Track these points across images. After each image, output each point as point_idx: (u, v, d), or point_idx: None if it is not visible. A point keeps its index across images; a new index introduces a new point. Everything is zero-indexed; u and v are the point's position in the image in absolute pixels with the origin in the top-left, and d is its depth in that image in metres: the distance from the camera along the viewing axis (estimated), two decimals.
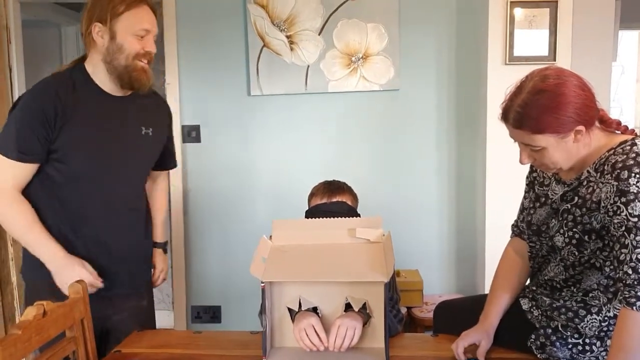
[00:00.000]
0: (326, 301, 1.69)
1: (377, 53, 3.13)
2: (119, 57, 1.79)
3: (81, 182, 1.83)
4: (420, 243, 3.27)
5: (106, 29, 1.77)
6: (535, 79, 1.46)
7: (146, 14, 1.81)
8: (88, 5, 1.81)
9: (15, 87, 3.28)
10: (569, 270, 1.58)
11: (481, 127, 3.01)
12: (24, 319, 1.43)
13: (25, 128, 1.74)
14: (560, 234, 1.55)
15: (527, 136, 1.48)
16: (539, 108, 1.43)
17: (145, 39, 1.81)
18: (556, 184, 1.63)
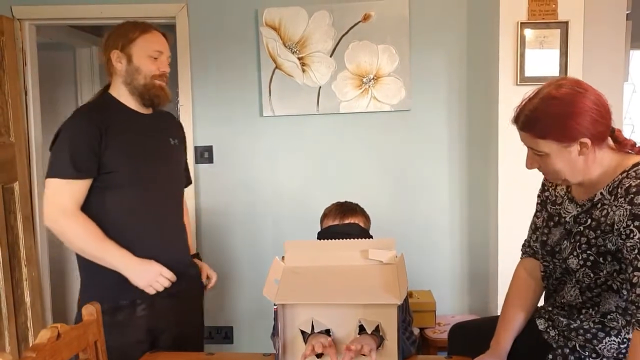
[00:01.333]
0: (339, 323, 1.68)
1: (388, 74, 3.15)
2: (137, 78, 1.96)
3: (129, 198, 1.95)
4: (433, 264, 3.26)
5: (123, 54, 1.96)
6: (551, 86, 1.49)
7: (157, 37, 2.01)
8: (105, 38, 2.02)
9: (30, 109, 3.33)
10: (586, 293, 1.57)
11: (493, 148, 3.00)
12: (39, 342, 1.44)
13: (77, 146, 1.87)
14: (574, 256, 1.54)
15: (531, 139, 1.50)
16: (546, 114, 1.45)
17: (159, 60, 1.99)
18: (569, 202, 1.62)
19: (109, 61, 1.99)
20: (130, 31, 1.97)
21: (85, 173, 1.88)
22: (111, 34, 2.00)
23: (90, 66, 4.35)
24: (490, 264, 3.10)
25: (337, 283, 1.67)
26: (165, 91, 2.02)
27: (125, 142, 1.94)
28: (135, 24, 2.01)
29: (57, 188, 1.87)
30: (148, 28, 2.00)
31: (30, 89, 3.33)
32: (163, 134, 2.10)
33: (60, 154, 1.89)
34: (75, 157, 1.86)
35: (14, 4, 3.25)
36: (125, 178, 1.93)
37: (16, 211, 3.18)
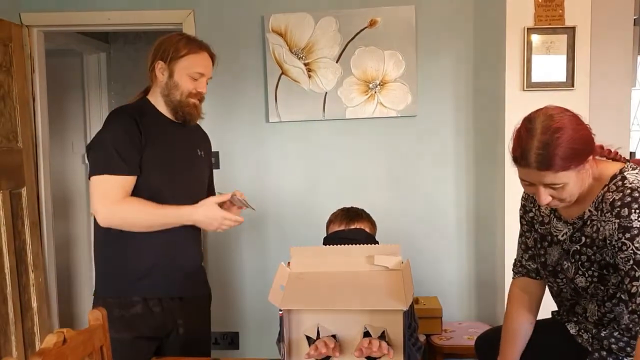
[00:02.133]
0: (344, 329, 1.67)
1: (395, 80, 3.15)
2: (174, 93, 2.02)
3: (157, 198, 1.97)
4: (439, 270, 3.25)
5: (166, 67, 2.02)
6: (540, 118, 1.47)
7: (203, 60, 2.06)
8: (155, 45, 2.06)
9: (38, 115, 3.34)
10: (602, 307, 1.57)
11: (499, 153, 2.99)
12: (45, 346, 1.44)
13: (123, 143, 1.93)
14: (580, 275, 1.55)
15: (550, 176, 1.46)
16: (562, 145, 1.42)
17: (199, 81, 2.05)
18: (557, 221, 1.63)
19: (152, 69, 2.04)
20: (181, 48, 2.01)
21: (134, 169, 1.94)
22: (162, 43, 2.05)
23: (97, 72, 4.38)
24: (497, 270, 3.09)
25: (343, 289, 1.66)
26: (197, 110, 2.08)
27: (159, 148, 2.00)
28: (189, 40, 2.06)
29: (108, 183, 1.91)
30: (198, 49, 2.04)
31: (38, 95, 3.35)
32: (192, 145, 2.16)
33: (105, 151, 1.92)
34: (123, 153, 1.91)
35: (22, 10, 3.27)
36: (156, 186, 1.98)
37: (24, 217, 3.19)
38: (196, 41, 2.08)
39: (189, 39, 2.08)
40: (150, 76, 2.08)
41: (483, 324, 3.08)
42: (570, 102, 2.70)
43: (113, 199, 1.91)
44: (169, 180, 2.03)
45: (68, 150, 4.37)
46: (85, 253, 4.40)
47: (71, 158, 4.38)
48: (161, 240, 2.01)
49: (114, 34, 4.36)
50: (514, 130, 1.53)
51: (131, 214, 1.95)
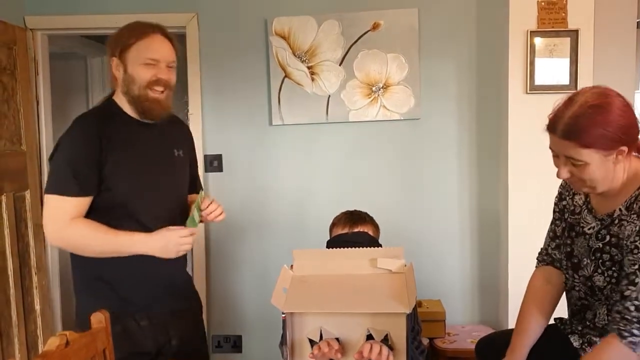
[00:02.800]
0: (347, 332, 1.67)
1: (398, 83, 3.15)
2: (132, 88, 1.84)
3: (127, 208, 1.86)
4: (443, 273, 3.24)
5: (120, 62, 1.85)
6: (587, 94, 1.46)
7: (156, 42, 1.86)
8: (107, 44, 1.91)
9: (42, 118, 3.35)
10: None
11: (503, 156, 2.99)
12: (47, 349, 1.44)
13: (79, 163, 1.79)
14: (599, 274, 1.52)
15: (573, 149, 1.45)
16: (591, 121, 1.41)
17: (158, 67, 1.85)
18: (587, 213, 1.59)
19: (110, 68, 1.90)
20: (126, 36, 1.85)
21: (87, 190, 1.80)
22: (111, 39, 1.90)
23: (101, 75, 4.39)
24: (501, 273, 3.08)
25: (346, 292, 1.66)
26: (161, 104, 1.87)
27: (125, 157, 1.85)
28: (133, 27, 1.87)
29: (58, 204, 1.79)
30: (145, 32, 1.85)
31: (42, 98, 3.36)
32: (166, 146, 1.98)
33: (60, 168, 1.81)
34: (76, 172, 1.78)
35: (26, 14, 3.28)
36: (125, 195, 1.85)
37: (27, 219, 3.19)
38: (143, 25, 1.88)
39: (136, 24, 1.88)
40: (110, 76, 1.92)
41: (486, 328, 3.07)
42: None
43: (61, 222, 1.78)
44: (139, 190, 1.88)
45: None
46: None
47: None
48: (146, 255, 1.86)
49: None
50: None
51: (79, 240, 1.81)
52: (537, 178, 2.84)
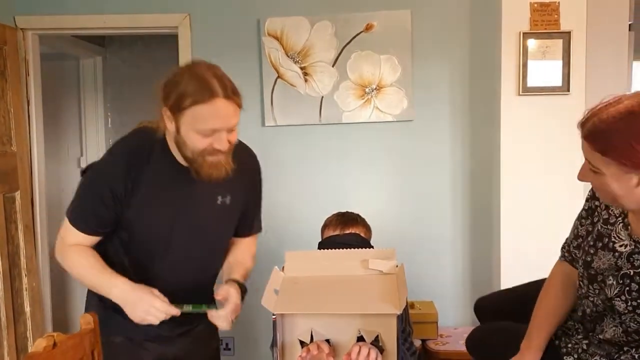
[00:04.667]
0: (338, 333, 1.66)
1: (391, 84, 3.15)
2: (184, 150, 1.63)
3: (148, 246, 1.77)
4: (435, 275, 3.24)
5: (172, 117, 1.60)
6: (633, 100, 1.30)
7: (217, 109, 1.56)
8: (163, 82, 1.64)
9: (32, 118, 3.33)
10: (632, 335, 1.44)
11: (495, 158, 2.99)
12: (34, 351, 1.42)
13: (96, 205, 1.70)
14: (622, 301, 1.39)
15: (590, 152, 1.33)
16: (615, 128, 1.28)
17: (216, 135, 1.59)
18: (622, 228, 1.44)
19: (159, 111, 1.65)
20: (184, 96, 1.55)
21: (101, 232, 1.73)
22: (166, 85, 1.61)
23: (93, 76, 4.37)
24: (494, 275, 3.07)
25: (337, 293, 1.65)
26: (218, 167, 1.63)
27: (152, 201, 1.70)
28: (196, 84, 1.55)
29: (70, 231, 1.74)
30: (205, 97, 1.54)
31: (32, 99, 3.33)
32: (207, 192, 1.74)
33: (81, 202, 1.73)
34: (95, 213, 1.70)
35: (17, 13, 3.26)
36: (144, 237, 1.74)
37: (17, 221, 3.17)
38: (204, 83, 1.55)
39: (196, 79, 1.56)
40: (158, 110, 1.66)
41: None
42: (566, 107, 2.73)
43: (64, 243, 1.75)
44: (159, 250, 1.76)
45: (63, 155, 4.35)
46: None
47: (66, 162, 4.36)
48: (161, 284, 1.72)
49: (110, 37, 4.36)
50: None
51: (68, 261, 1.75)
52: (530, 180, 2.84)
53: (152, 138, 1.71)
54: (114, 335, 1.78)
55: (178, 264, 1.79)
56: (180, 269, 1.80)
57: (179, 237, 1.77)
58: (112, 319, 1.75)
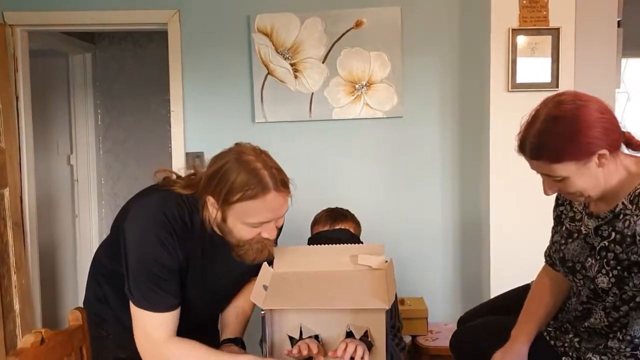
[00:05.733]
0: (327, 329, 1.66)
1: (381, 81, 3.15)
2: (229, 237, 1.60)
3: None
4: (425, 271, 3.25)
5: (218, 207, 1.55)
6: (549, 105, 1.40)
7: (268, 204, 1.53)
8: (209, 169, 1.59)
9: (22, 115, 3.31)
10: (612, 313, 1.47)
11: (484, 155, 3.00)
12: (22, 346, 1.42)
13: (167, 278, 1.60)
14: (603, 274, 1.44)
15: (546, 167, 1.40)
16: (555, 136, 1.36)
17: (264, 226, 1.57)
18: (588, 218, 1.52)
19: (203, 200, 1.60)
20: (232, 191, 1.51)
21: (179, 301, 1.64)
22: (213, 176, 1.55)
23: (83, 73, 4.34)
24: (483, 271, 3.09)
25: (326, 288, 1.65)
26: (263, 254, 1.62)
27: (189, 272, 1.67)
28: (249, 179, 1.51)
29: (154, 321, 1.59)
30: (257, 193, 1.50)
31: (21, 96, 3.31)
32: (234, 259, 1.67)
33: (146, 284, 1.58)
34: (165, 290, 1.59)
35: (5, 9, 3.24)
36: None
37: (6, 218, 3.15)
38: (258, 177, 1.51)
39: (248, 172, 1.51)
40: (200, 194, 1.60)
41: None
42: None
43: (159, 340, 1.59)
44: (187, 296, 1.70)
45: (53, 152, 4.33)
46: (70, 257, 4.36)
47: (56, 159, 4.34)
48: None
49: (99, 34, 4.33)
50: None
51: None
52: (519, 176, 2.83)
53: (184, 205, 1.64)
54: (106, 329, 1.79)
55: (191, 310, 1.73)
56: (192, 313, 1.74)
57: (200, 297, 1.74)
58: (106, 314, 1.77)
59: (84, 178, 4.33)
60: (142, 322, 1.59)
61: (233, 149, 1.63)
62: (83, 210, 4.33)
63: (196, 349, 1.58)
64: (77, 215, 4.34)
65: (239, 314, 1.91)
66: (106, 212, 4.40)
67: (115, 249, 1.67)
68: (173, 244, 1.59)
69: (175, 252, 1.60)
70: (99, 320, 1.80)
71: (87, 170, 4.34)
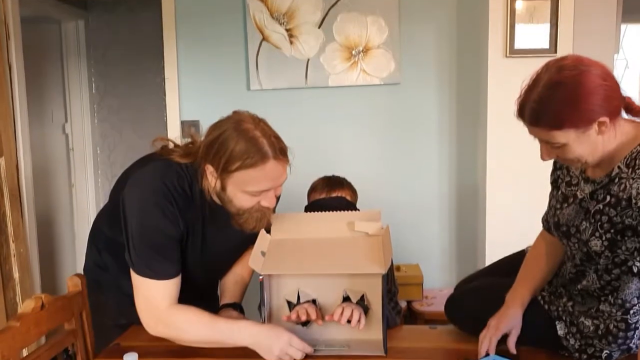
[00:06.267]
0: (325, 294, 1.68)
1: (378, 46, 3.12)
2: (229, 206, 1.62)
3: None
4: (421, 238, 3.27)
5: (217, 175, 1.57)
6: (551, 70, 1.37)
7: (267, 173, 1.55)
8: (207, 138, 1.59)
9: (15, 83, 3.27)
10: (604, 276, 1.48)
11: (482, 121, 2.99)
12: (23, 311, 1.44)
13: (168, 245, 1.62)
14: (597, 237, 1.44)
15: (545, 133, 1.39)
16: (556, 102, 1.34)
17: (263, 194, 1.59)
18: (585, 183, 1.51)
19: (202, 168, 1.61)
20: (231, 160, 1.52)
21: (180, 269, 1.65)
22: (211, 144, 1.56)
23: (76, 40, 4.29)
24: (478, 238, 3.11)
25: (323, 254, 1.67)
26: (262, 222, 1.65)
27: (190, 242, 1.69)
28: (247, 147, 1.52)
29: (155, 288, 1.60)
30: (256, 161, 1.51)
31: (14, 63, 3.27)
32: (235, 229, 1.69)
33: (147, 252, 1.59)
34: (166, 258, 1.61)
35: None
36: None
37: (2, 187, 3.14)
38: (256, 145, 1.52)
39: (247, 141, 1.52)
40: (200, 173, 1.62)
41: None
42: None
43: (155, 311, 1.61)
44: (187, 265, 1.72)
45: (47, 121, 4.30)
46: (67, 226, 4.37)
47: (51, 128, 4.31)
48: None
49: (92, 0, 4.27)
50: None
51: (181, 333, 1.62)
52: (516, 143, 2.84)
53: (184, 174, 1.65)
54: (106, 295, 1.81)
55: (190, 278, 1.74)
56: (191, 281, 1.75)
57: (199, 265, 1.76)
58: (105, 280, 1.80)
59: (80, 147, 4.32)
60: (144, 290, 1.61)
61: (231, 117, 1.63)
62: (79, 180, 4.32)
63: (198, 316, 1.60)
64: (73, 185, 4.33)
65: (237, 280, 1.93)
66: (102, 182, 4.40)
67: (114, 218, 1.67)
68: (173, 213, 1.60)
69: (175, 220, 1.60)
70: (98, 287, 1.82)
71: (83, 139, 4.32)
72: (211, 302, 1.94)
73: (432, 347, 1.66)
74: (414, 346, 1.67)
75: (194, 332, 1.59)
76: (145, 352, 1.56)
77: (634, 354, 1.45)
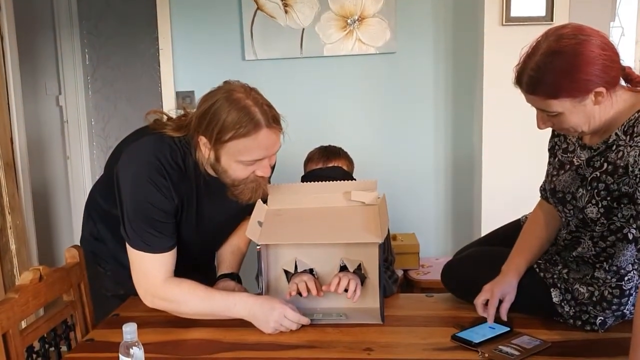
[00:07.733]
0: (322, 263, 1.70)
1: (373, 15, 3.09)
2: (223, 177, 1.62)
3: None
4: (417, 207, 3.28)
5: (211, 147, 1.56)
6: (550, 39, 1.36)
7: (260, 141, 1.54)
8: (199, 109, 1.59)
9: (7, 54, 3.24)
10: (599, 243, 1.50)
11: (478, 90, 2.98)
12: (21, 283, 1.44)
13: (162, 220, 1.62)
14: (593, 204, 1.45)
15: (541, 101, 1.39)
16: (553, 71, 1.34)
17: (257, 164, 1.59)
18: (581, 150, 1.52)
19: (195, 139, 1.61)
20: (224, 130, 1.51)
21: (174, 242, 1.66)
22: (203, 115, 1.55)
23: (68, 12, 4.23)
24: (474, 207, 3.12)
25: (320, 224, 1.68)
26: (257, 192, 1.64)
27: (185, 214, 1.69)
28: (240, 116, 1.51)
29: (152, 262, 1.61)
30: (249, 130, 1.51)
31: (6, 35, 3.23)
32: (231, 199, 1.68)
33: (140, 225, 1.59)
34: (162, 232, 1.61)
35: None
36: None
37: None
38: (249, 114, 1.52)
39: (239, 110, 1.52)
40: (193, 143, 1.62)
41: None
42: None
43: (152, 286, 1.63)
44: (183, 236, 1.73)
45: (41, 92, 4.27)
46: (63, 198, 4.36)
47: (44, 100, 4.27)
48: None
49: None
50: None
51: (179, 306, 1.63)
52: (512, 111, 2.83)
53: (177, 148, 1.64)
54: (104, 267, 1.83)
55: (186, 250, 1.75)
56: (188, 253, 1.76)
57: (195, 237, 1.76)
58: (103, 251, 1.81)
59: (74, 119, 4.29)
60: (140, 264, 1.62)
61: (222, 87, 1.63)
62: (74, 152, 4.31)
63: (194, 289, 1.61)
64: (68, 157, 4.32)
65: (234, 250, 1.94)
66: (97, 154, 4.38)
67: (109, 190, 1.68)
68: (167, 187, 1.60)
69: (169, 194, 1.61)
70: (96, 258, 1.83)
71: (77, 111, 4.29)
72: (208, 274, 1.96)
73: (428, 315, 1.68)
74: (410, 314, 1.69)
75: (191, 305, 1.61)
76: (144, 322, 1.57)
77: (629, 320, 1.47)
